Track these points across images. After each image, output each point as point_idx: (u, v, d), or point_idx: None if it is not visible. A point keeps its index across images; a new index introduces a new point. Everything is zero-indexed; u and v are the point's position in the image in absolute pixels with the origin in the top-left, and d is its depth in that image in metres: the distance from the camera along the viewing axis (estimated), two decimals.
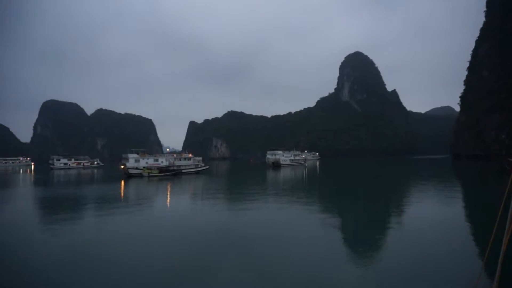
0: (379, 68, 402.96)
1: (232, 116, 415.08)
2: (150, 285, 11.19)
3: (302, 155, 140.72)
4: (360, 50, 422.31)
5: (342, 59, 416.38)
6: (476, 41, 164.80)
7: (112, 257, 14.31)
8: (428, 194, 32.93)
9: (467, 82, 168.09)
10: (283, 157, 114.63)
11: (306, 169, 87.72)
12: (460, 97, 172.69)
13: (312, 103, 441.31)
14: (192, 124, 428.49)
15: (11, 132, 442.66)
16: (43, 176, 77.27)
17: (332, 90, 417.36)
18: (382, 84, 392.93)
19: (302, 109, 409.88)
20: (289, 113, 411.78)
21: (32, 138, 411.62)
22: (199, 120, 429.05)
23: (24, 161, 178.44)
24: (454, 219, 21.48)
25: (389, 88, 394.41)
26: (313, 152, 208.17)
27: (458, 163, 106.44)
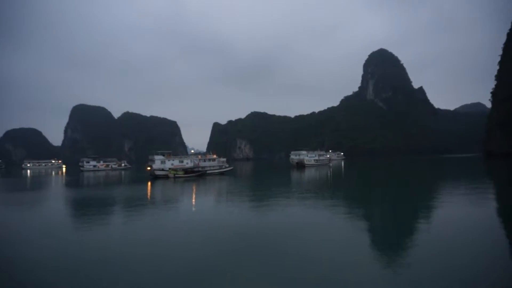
0: (405, 65, 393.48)
1: (256, 117, 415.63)
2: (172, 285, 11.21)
3: (326, 155, 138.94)
4: (385, 47, 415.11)
5: (366, 56, 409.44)
6: (508, 34, 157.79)
7: (137, 258, 14.47)
8: (459, 196, 31.67)
9: (498, 77, 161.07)
10: (307, 157, 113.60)
11: (331, 169, 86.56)
12: (491, 92, 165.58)
13: (336, 102, 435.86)
14: (216, 125, 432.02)
15: (44, 136, 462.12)
16: (74, 178, 79.89)
17: (356, 89, 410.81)
18: (408, 81, 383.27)
19: (326, 108, 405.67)
20: (313, 113, 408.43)
21: (63, 141, 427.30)
22: (223, 121, 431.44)
23: (56, 164, 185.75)
24: (488, 222, 20.50)
25: (416, 85, 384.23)
26: (338, 152, 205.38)
27: (490, 162, 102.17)
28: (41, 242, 17.66)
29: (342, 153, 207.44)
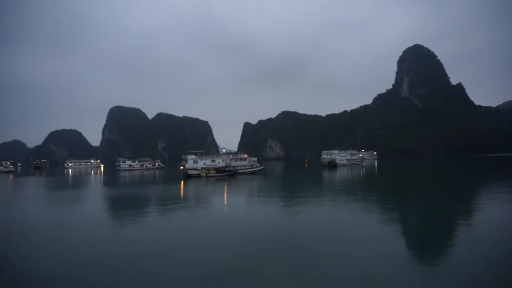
0: (442, 60, 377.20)
1: (286, 116, 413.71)
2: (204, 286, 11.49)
3: (359, 154, 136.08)
4: (420, 43, 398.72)
5: (400, 53, 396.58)
6: None
7: (169, 256, 14.94)
8: (502, 197, 30.11)
9: None
10: (339, 156, 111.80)
11: (364, 169, 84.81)
12: None
13: (368, 100, 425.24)
14: (247, 125, 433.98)
15: (84, 137, 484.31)
16: (111, 177, 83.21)
17: (390, 86, 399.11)
18: (445, 77, 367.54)
19: (358, 106, 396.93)
20: (345, 111, 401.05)
21: (101, 141, 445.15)
22: (254, 121, 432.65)
23: (95, 163, 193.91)
24: None
25: (454, 81, 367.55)
26: (371, 151, 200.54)
27: None
28: (79, 239, 18.62)
29: (375, 153, 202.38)
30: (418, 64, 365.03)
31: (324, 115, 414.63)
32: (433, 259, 13.65)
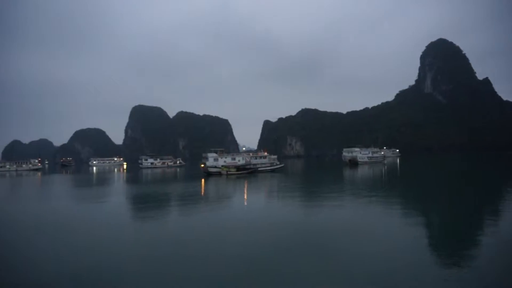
0: (468, 55, 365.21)
1: (306, 114, 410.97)
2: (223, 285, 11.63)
3: (380, 152, 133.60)
4: (444, 37, 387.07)
5: (423, 48, 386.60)
6: None
7: (188, 254, 15.14)
8: None
9: None
10: (360, 154, 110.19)
11: (386, 167, 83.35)
12: None
13: (390, 97, 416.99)
14: (267, 123, 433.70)
15: (107, 135, 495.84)
16: (134, 175, 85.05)
17: (413, 82, 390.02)
18: (471, 72, 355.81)
19: (380, 103, 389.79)
20: (366, 108, 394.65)
21: (124, 140, 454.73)
22: (273, 118, 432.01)
23: (118, 161, 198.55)
24: None
25: (480, 76, 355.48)
26: (393, 149, 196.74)
27: None
28: (101, 234, 19.15)
29: (397, 150, 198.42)
30: (442, 59, 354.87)
31: (344, 112, 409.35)
32: (458, 261, 13.36)
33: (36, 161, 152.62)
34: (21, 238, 18.92)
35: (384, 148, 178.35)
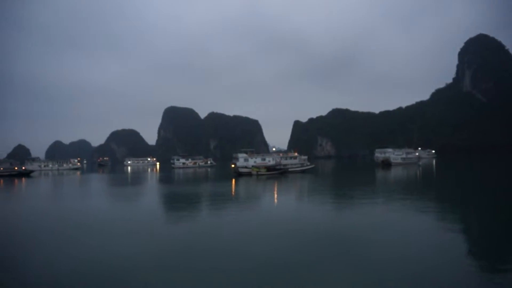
0: (511, 51, 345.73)
1: (337, 114, 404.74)
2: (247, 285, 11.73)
3: (415, 153, 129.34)
4: (484, 32, 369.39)
5: (462, 44, 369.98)
6: None
7: (219, 252, 15.37)
8: None
9: None
10: (393, 155, 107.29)
11: (420, 169, 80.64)
12: None
13: (425, 96, 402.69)
14: (297, 123, 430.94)
15: (141, 136, 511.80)
16: (166, 174, 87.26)
17: (450, 80, 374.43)
18: None
19: (414, 102, 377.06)
20: (399, 108, 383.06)
21: (157, 140, 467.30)
22: (304, 119, 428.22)
23: (151, 161, 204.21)
24: None
25: None
26: (428, 150, 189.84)
27: None
28: (137, 231, 19.84)
29: (433, 151, 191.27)
30: (482, 55, 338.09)
31: (377, 112, 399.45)
32: (499, 267, 12.79)
33: (76, 160, 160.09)
34: (64, 235, 19.96)
35: (419, 148, 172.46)
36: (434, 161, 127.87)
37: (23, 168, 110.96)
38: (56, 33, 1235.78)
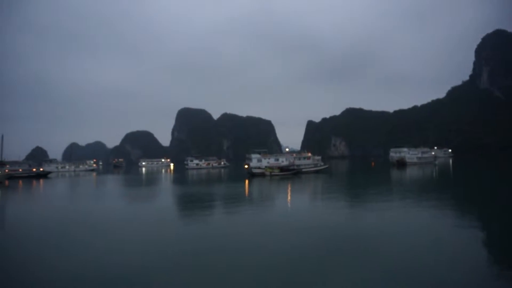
0: None
1: (351, 113, 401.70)
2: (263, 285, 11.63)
3: (431, 152, 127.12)
4: (503, 27, 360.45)
5: (479, 40, 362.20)
6: None
7: (232, 253, 15.31)
8: None
9: None
10: (409, 154, 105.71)
11: (437, 168, 79.21)
12: None
13: (441, 94, 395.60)
14: (310, 123, 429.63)
15: (155, 137, 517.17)
16: (180, 175, 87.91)
17: (466, 78, 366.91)
18: None
19: (430, 101, 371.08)
20: (414, 107, 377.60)
21: (171, 141, 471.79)
22: (317, 118, 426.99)
23: (165, 162, 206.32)
24: None
25: None
26: (445, 149, 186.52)
27: None
28: (149, 231, 19.96)
29: (449, 150, 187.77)
30: (500, 51, 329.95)
31: (391, 111, 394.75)
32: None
33: (92, 162, 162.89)
34: (78, 236, 20.24)
35: (435, 148, 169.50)
36: (450, 160, 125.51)
37: (41, 169, 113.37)
38: (71, 38, 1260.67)
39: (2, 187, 61.29)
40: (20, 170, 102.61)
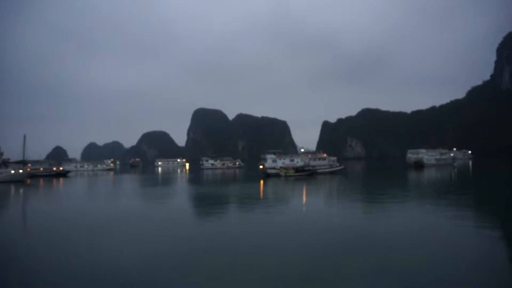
0: None
1: (367, 114, 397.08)
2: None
3: (450, 153, 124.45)
4: None
5: (500, 39, 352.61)
6: None
7: (246, 253, 15.27)
8: None
9: None
10: (427, 156, 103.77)
11: (456, 170, 77.46)
12: None
13: (460, 94, 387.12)
14: (325, 124, 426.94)
15: (171, 137, 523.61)
16: (196, 175, 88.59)
17: (487, 77, 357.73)
18: None
19: (449, 101, 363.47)
20: (433, 107, 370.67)
21: (186, 142, 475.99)
22: (332, 119, 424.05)
23: (181, 162, 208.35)
24: None
25: None
26: (464, 150, 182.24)
27: None
28: (167, 229, 20.15)
29: (469, 152, 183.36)
30: None
31: (409, 111, 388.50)
32: None
33: (109, 161, 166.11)
34: (96, 234, 20.62)
35: (454, 149, 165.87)
36: (470, 162, 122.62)
37: (61, 168, 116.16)
38: (90, 40, 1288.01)
39: (24, 185, 63.07)
40: (41, 169, 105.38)
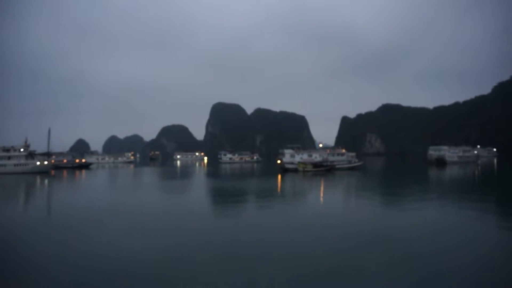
0: None
1: (387, 109, 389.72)
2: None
3: (473, 151, 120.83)
4: None
5: None
6: None
7: (260, 246, 15.34)
8: None
9: None
10: (449, 153, 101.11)
11: (479, 168, 75.27)
12: None
13: (486, 90, 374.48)
14: (345, 119, 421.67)
15: (190, 131, 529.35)
16: (214, 169, 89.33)
17: None
18: None
19: (473, 97, 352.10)
20: (456, 103, 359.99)
21: (205, 135, 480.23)
22: (352, 114, 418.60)
23: (199, 156, 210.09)
24: None
25: None
26: (489, 148, 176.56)
27: None
28: (182, 227, 20.45)
29: (494, 150, 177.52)
30: None
31: (431, 107, 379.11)
32: None
33: (129, 154, 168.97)
34: (118, 226, 21.14)
35: (478, 146, 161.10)
36: (495, 160, 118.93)
37: (83, 160, 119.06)
38: (111, 37, 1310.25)
39: (48, 176, 65.18)
40: (65, 161, 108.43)
